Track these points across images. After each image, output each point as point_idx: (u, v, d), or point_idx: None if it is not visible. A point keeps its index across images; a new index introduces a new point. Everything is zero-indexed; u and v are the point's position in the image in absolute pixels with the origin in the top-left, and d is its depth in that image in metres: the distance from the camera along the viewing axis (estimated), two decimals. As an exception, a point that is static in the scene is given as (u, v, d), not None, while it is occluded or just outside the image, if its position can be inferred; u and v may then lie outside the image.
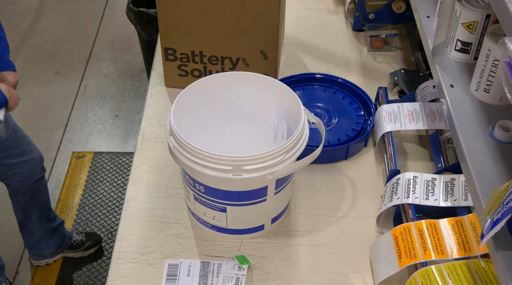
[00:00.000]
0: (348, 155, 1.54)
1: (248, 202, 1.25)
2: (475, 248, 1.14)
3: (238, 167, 1.14)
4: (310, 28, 2.03)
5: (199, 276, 1.26)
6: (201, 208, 1.29)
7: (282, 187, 1.27)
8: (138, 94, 3.32)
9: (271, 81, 1.34)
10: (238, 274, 1.26)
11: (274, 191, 1.25)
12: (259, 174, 1.15)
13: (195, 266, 1.29)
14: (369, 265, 1.31)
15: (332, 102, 1.66)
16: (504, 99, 1.09)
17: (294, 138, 1.18)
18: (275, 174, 1.17)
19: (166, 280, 1.26)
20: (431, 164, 1.52)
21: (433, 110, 1.47)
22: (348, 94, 1.69)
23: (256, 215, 1.30)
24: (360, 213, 1.43)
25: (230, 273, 1.26)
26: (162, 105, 1.71)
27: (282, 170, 1.17)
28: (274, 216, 1.34)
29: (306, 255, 1.34)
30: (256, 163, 1.14)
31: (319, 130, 1.30)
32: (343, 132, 1.57)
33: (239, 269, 1.27)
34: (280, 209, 1.35)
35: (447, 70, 1.20)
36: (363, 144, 1.56)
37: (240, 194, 1.23)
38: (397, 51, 1.92)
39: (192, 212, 1.35)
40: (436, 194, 1.28)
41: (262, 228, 1.34)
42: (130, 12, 2.63)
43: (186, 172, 1.24)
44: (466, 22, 1.15)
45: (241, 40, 1.63)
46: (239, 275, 1.26)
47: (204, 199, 1.26)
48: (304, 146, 1.22)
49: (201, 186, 1.22)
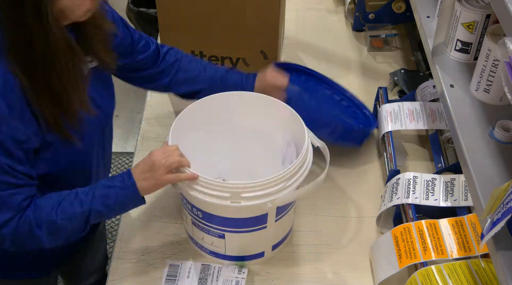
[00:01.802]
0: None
1: (247, 229, 1.20)
2: (475, 248, 1.14)
3: (236, 194, 1.10)
4: (310, 28, 2.03)
5: (199, 278, 1.26)
6: (199, 233, 1.25)
7: (283, 214, 1.22)
8: (138, 94, 3.30)
9: (278, 104, 1.29)
10: (238, 277, 1.26)
11: (274, 218, 1.20)
12: (258, 202, 1.11)
13: (195, 268, 1.28)
14: (369, 265, 1.31)
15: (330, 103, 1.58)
16: (504, 99, 1.09)
17: (296, 165, 1.14)
18: (275, 201, 1.13)
19: (165, 280, 1.26)
20: (431, 164, 1.52)
21: (433, 110, 1.47)
22: (345, 98, 1.59)
23: (256, 242, 1.26)
24: (360, 213, 1.43)
25: (230, 276, 1.26)
26: (162, 105, 1.70)
27: (283, 198, 1.13)
28: (275, 243, 1.30)
29: (306, 255, 1.34)
30: (255, 190, 1.10)
31: (323, 154, 1.25)
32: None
33: (239, 273, 1.27)
34: (282, 235, 1.30)
35: (447, 70, 1.20)
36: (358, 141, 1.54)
37: (238, 221, 1.19)
38: (397, 51, 1.92)
39: (191, 236, 1.31)
40: (436, 194, 1.28)
41: (263, 255, 1.29)
42: (130, 12, 2.63)
43: (184, 196, 1.21)
44: (466, 22, 1.15)
45: (241, 40, 1.63)
46: (239, 279, 1.26)
47: (202, 225, 1.22)
48: (307, 173, 1.17)
49: (198, 211, 1.19)
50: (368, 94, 1.72)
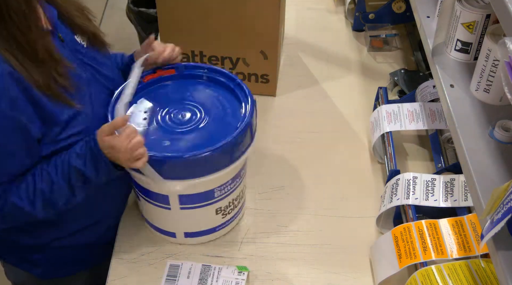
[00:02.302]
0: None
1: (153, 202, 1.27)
2: (475, 248, 1.14)
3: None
4: (310, 28, 2.03)
5: (199, 279, 1.26)
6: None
7: (191, 206, 1.25)
8: (138, 94, 3.32)
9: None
10: (238, 278, 1.26)
11: (178, 204, 1.24)
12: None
13: (196, 268, 1.29)
14: (369, 265, 1.31)
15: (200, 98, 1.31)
16: (504, 99, 1.09)
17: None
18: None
19: (165, 280, 1.26)
20: (431, 164, 1.52)
21: (433, 110, 1.47)
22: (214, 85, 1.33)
23: (162, 219, 1.32)
24: (360, 213, 1.43)
25: (230, 277, 1.26)
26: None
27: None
28: (187, 231, 1.32)
29: (306, 255, 1.34)
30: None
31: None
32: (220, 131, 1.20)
33: (239, 274, 1.27)
34: (195, 227, 1.32)
35: (447, 70, 1.20)
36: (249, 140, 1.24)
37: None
38: (397, 51, 1.92)
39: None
40: (436, 195, 1.28)
41: (174, 236, 1.33)
42: (130, 12, 2.63)
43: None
44: (466, 22, 1.15)
45: (241, 40, 1.63)
46: (238, 280, 1.26)
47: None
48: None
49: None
50: (368, 94, 1.73)
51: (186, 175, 1.16)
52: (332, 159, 1.57)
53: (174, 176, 1.16)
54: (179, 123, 1.22)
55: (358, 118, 1.69)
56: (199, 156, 1.13)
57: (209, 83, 1.32)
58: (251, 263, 1.31)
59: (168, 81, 1.32)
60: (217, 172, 1.18)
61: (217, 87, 1.30)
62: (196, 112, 1.24)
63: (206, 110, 1.25)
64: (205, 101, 1.27)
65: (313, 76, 1.83)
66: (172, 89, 1.31)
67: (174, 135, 1.19)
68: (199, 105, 1.26)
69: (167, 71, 1.32)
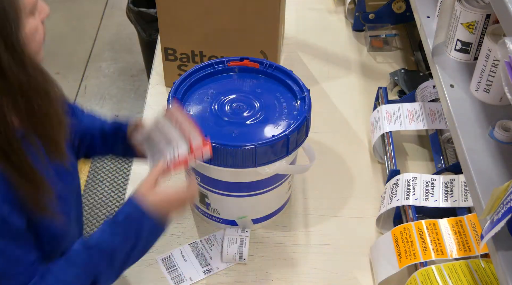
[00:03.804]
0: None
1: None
2: (475, 248, 1.14)
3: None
4: (310, 28, 2.03)
5: (195, 256, 1.30)
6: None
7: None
8: (138, 94, 3.32)
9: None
10: (242, 235, 1.30)
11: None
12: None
13: (185, 250, 1.32)
14: (369, 265, 1.31)
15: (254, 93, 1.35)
16: (504, 99, 1.09)
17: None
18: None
19: (168, 273, 1.28)
20: (431, 164, 1.52)
21: (433, 110, 1.47)
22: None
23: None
24: (360, 213, 1.43)
25: (234, 235, 1.30)
26: (162, 106, 1.70)
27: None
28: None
29: (306, 255, 1.34)
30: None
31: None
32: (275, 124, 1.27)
33: (243, 231, 1.31)
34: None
35: (447, 70, 1.20)
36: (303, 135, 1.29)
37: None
38: (397, 51, 1.92)
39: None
40: (436, 195, 1.28)
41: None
42: (130, 12, 2.63)
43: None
44: (466, 22, 1.15)
45: (241, 40, 1.63)
46: (243, 237, 1.30)
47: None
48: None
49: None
50: (368, 94, 1.73)
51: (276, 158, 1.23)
52: (332, 159, 1.57)
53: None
54: (238, 114, 1.28)
55: (358, 118, 1.69)
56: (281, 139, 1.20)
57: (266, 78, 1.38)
58: (251, 263, 1.31)
59: (232, 72, 1.39)
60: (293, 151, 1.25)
61: (274, 82, 1.37)
62: (254, 105, 1.29)
63: (261, 104, 1.30)
64: (263, 94, 1.33)
65: (313, 76, 1.83)
66: (235, 80, 1.38)
67: (237, 127, 1.25)
68: (256, 99, 1.31)
69: (253, 63, 1.38)
